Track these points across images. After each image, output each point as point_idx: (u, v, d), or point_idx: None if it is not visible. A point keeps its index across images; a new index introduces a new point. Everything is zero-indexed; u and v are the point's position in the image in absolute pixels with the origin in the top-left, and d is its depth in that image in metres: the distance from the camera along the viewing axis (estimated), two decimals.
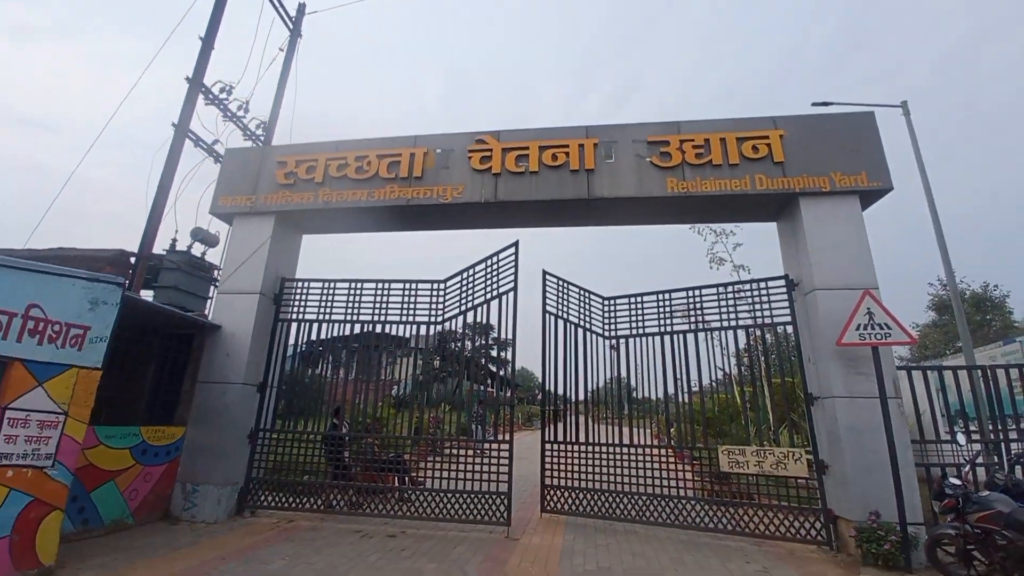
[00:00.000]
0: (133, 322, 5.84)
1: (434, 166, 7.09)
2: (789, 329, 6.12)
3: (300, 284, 7.17)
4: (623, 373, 6.88)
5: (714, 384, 6.88)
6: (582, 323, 7.16)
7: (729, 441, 6.80)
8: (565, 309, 7.16)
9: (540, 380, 7.09)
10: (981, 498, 4.17)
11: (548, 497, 6.51)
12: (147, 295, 7.71)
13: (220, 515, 5.96)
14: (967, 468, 4.68)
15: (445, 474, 6.14)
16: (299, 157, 7.44)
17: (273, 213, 7.23)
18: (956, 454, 5.25)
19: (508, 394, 7.20)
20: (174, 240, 8.59)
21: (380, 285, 6.95)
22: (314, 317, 6.94)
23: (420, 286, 6.90)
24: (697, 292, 6.64)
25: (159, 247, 8.32)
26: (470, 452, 6.16)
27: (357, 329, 6.88)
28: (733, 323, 6.35)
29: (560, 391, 6.86)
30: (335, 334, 6.89)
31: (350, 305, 6.91)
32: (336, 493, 6.37)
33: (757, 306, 6.27)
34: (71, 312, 4.16)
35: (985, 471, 5.08)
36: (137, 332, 6.11)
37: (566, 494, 6.47)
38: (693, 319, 6.63)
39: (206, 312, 7.56)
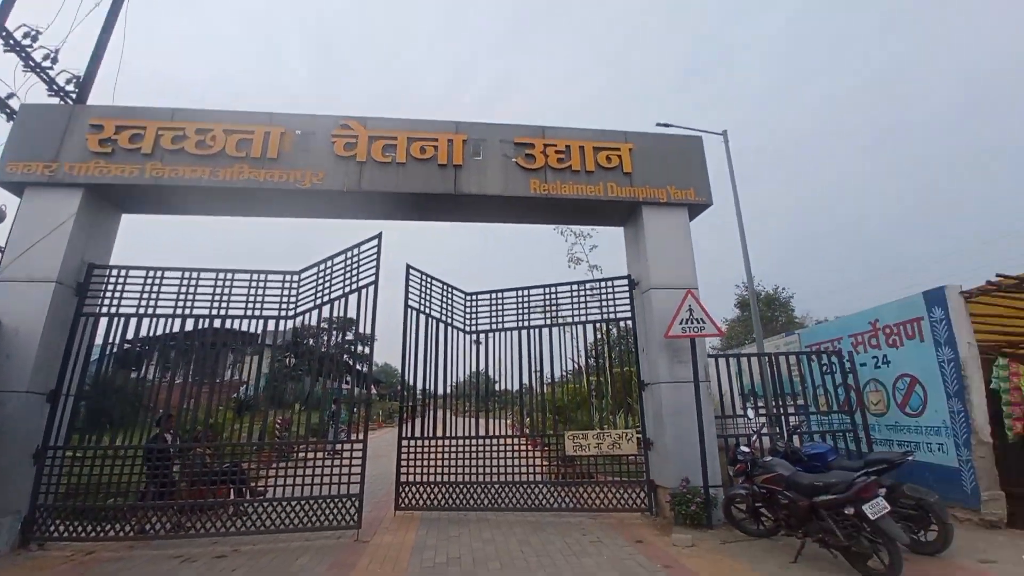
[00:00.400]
0: None
1: (292, 149, 6.57)
2: (630, 323, 6.85)
3: (115, 272, 6.14)
4: (484, 367, 7.09)
5: (566, 375, 7.44)
6: (444, 318, 7.22)
7: (575, 427, 7.40)
8: (428, 304, 7.16)
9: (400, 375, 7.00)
10: (765, 462, 4.98)
11: (403, 494, 6.44)
12: None
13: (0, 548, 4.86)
14: (754, 437, 5.67)
15: (292, 480, 5.67)
16: (121, 122, 6.37)
17: (81, 186, 6.09)
18: (748, 427, 6.32)
19: (363, 391, 6.95)
20: None
21: (222, 275, 6.22)
22: (133, 310, 5.98)
23: (271, 277, 6.32)
24: (553, 289, 7.11)
25: None
26: (322, 455, 5.81)
27: (190, 325, 6.09)
28: (584, 318, 6.93)
29: (421, 386, 6.85)
30: (163, 330, 6.02)
31: (183, 297, 6.09)
32: (152, 515, 5.49)
33: (605, 303, 6.92)
34: None
35: (770, 440, 6.20)
36: None
37: (421, 489, 6.46)
38: (549, 314, 7.09)
39: None
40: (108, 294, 6.02)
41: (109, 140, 6.27)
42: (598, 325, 7.03)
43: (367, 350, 16.82)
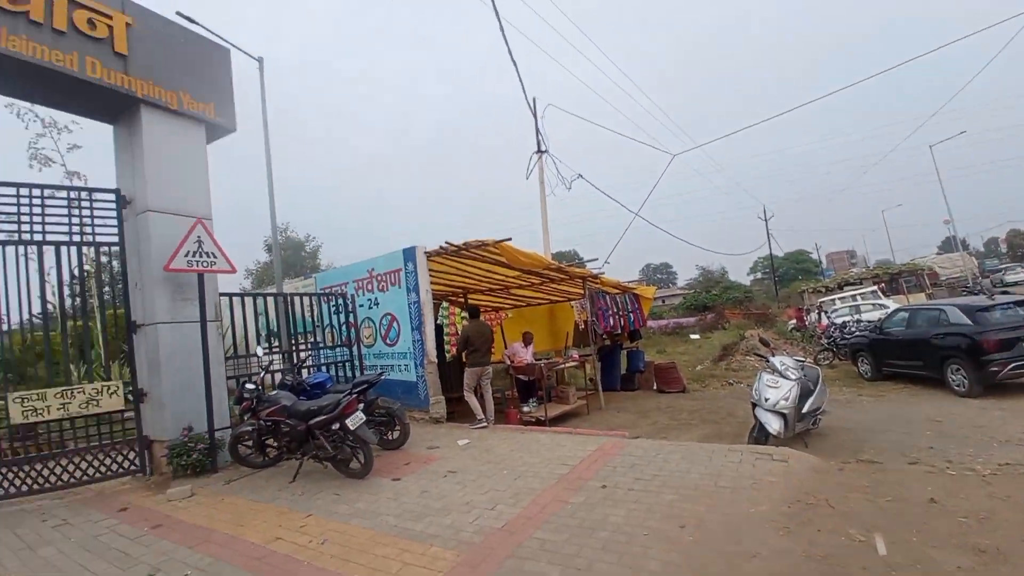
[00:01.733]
0: None
1: None
2: (116, 251, 5.46)
3: None
4: None
5: (29, 317, 5.22)
6: None
7: (37, 385, 5.34)
8: None
9: None
10: (270, 396, 5.20)
11: None
12: None
13: None
14: (262, 374, 5.81)
15: None
16: None
17: None
18: (260, 365, 6.39)
19: None
20: None
21: None
22: None
23: None
24: None
25: None
26: None
27: None
28: (41, 237, 4.98)
29: None
30: None
31: None
32: None
33: (81, 221, 5.20)
34: None
35: (281, 376, 6.44)
36: None
37: None
38: None
39: None
40: None
41: None
42: (68, 249, 5.22)
43: None
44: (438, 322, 8.03)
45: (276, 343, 7.24)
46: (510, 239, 7.20)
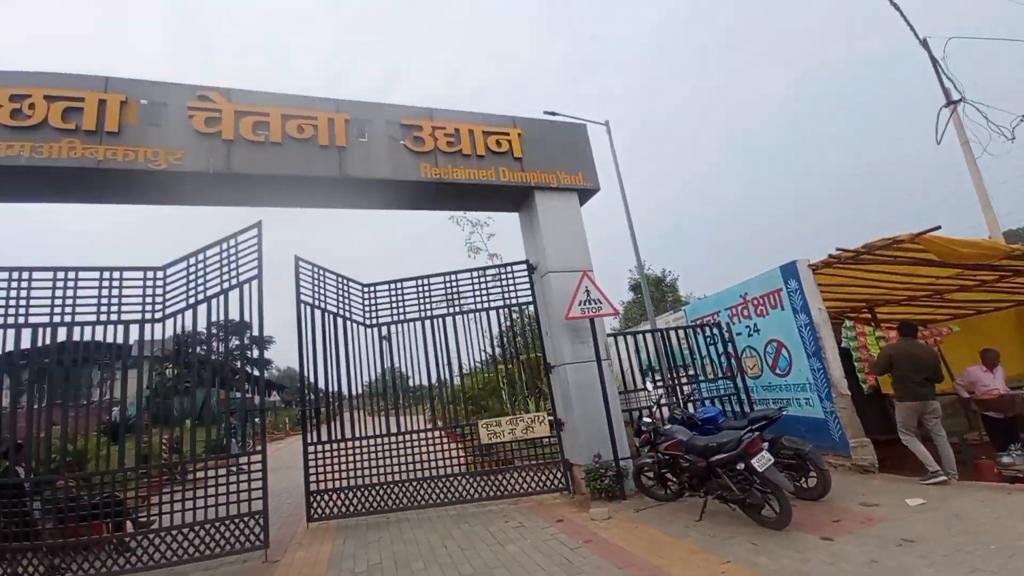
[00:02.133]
0: None
1: (137, 121, 5.51)
2: (531, 308, 6.94)
3: None
4: (389, 362, 6.73)
5: (477, 364, 7.36)
6: (342, 312, 6.70)
7: (489, 415, 7.39)
8: (322, 298, 6.59)
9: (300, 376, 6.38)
10: (666, 430, 5.37)
11: (315, 503, 5.96)
12: None
13: None
14: (655, 408, 6.08)
15: (184, 505, 4.94)
16: None
17: None
18: (648, 399, 6.79)
19: (258, 400, 6.24)
20: None
21: (61, 274, 5.09)
22: None
23: (127, 275, 5.28)
24: (453, 277, 6.92)
25: None
26: (217, 473, 5.10)
27: (26, 335, 4.90)
28: (486, 304, 6.86)
29: (323, 386, 6.33)
30: None
31: (12, 303, 4.91)
32: (20, 560, 4.55)
33: (507, 288, 6.91)
34: None
35: (669, 409, 6.68)
36: None
37: (334, 496, 6.03)
38: (452, 303, 6.91)
39: None
40: None
41: None
42: (502, 311, 7.01)
43: (262, 354, 15.38)
44: (843, 346, 6.62)
45: (658, 378, 7.54)
46: (938, 228, 5.37)
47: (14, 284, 4.97)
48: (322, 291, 6.61)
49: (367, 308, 6.87)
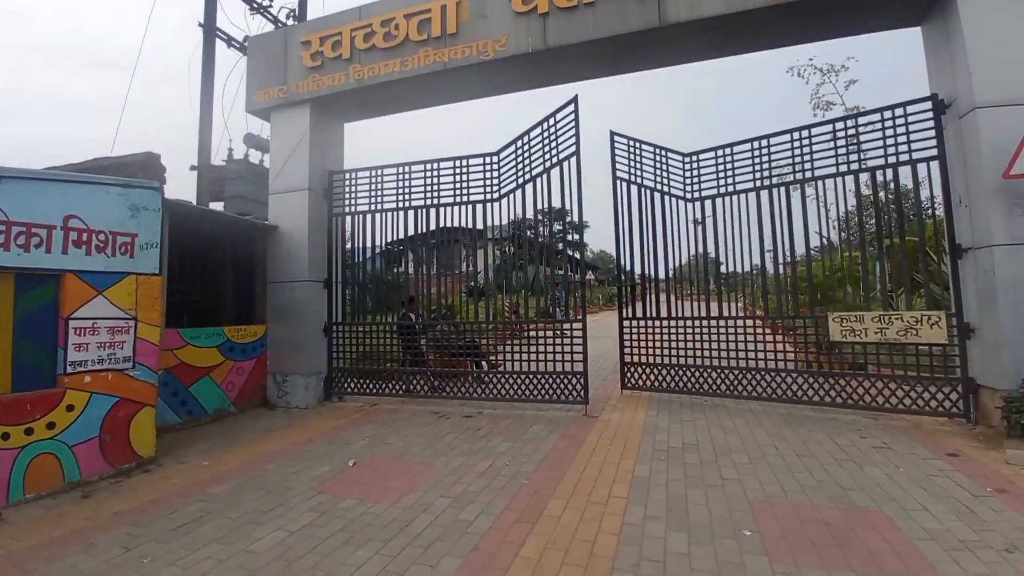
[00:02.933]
0: (205, 230, 6.09)
1: (469, 17, 5.96)
2: (932, 167, 4.80)
3: (348, 175, 6.78)
4: (711, 239, 5.97)
5: (824, 244, 5.83)
6: (659, 186, 6.20)
7: (839, 308, 5.87)
8: (639, 172, 6.23)
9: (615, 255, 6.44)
10: None
11: (629, 374, 6.19)
12: (217, 206, 7.84)
13: (310, 401, 6.33)
14: None
15: (522, 357, 5.92)
16: (323, 33, 6.62)
17: (307, 101, 6.67)
18: None
19: (579, 276, 6.69)
20: (230, 150, 8.51)
21: (429, 166, 6.38)
22: (366, 208, 6.62)
23: (471, 161, 6.23)
24: (805, 133, 5.37)
25: (218, 159, 8.31)
26: (545, 335, 5.87)
27: (411, 216, 6.44)
28: (854, 166, 5.12)
29: (637, 264, 6.23)
30: (388, 223, 6.53)
31: (400, 191, 6.47)
32: (415, 378, 6.48)
33: (888, 142, 4.94)
34: (112, 220, 4.06)
35: None
36: (210, 240, 6.25)
37: (648, 370, 6.10)
38: (800, 167, 5.44)
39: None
40: (347, 195, 6.74)
41: (317, 53, 6.60)
42: (879, 173, 5.09)
43: (581, 231, 17.03)
44: None
45: None
46: None
47: (401, 177, 6.43)
48: (638, 165, 6.24)
49: (688, 181, 6.15)
